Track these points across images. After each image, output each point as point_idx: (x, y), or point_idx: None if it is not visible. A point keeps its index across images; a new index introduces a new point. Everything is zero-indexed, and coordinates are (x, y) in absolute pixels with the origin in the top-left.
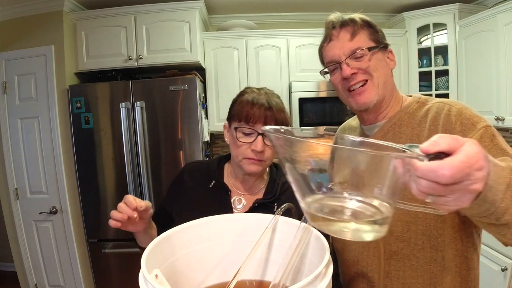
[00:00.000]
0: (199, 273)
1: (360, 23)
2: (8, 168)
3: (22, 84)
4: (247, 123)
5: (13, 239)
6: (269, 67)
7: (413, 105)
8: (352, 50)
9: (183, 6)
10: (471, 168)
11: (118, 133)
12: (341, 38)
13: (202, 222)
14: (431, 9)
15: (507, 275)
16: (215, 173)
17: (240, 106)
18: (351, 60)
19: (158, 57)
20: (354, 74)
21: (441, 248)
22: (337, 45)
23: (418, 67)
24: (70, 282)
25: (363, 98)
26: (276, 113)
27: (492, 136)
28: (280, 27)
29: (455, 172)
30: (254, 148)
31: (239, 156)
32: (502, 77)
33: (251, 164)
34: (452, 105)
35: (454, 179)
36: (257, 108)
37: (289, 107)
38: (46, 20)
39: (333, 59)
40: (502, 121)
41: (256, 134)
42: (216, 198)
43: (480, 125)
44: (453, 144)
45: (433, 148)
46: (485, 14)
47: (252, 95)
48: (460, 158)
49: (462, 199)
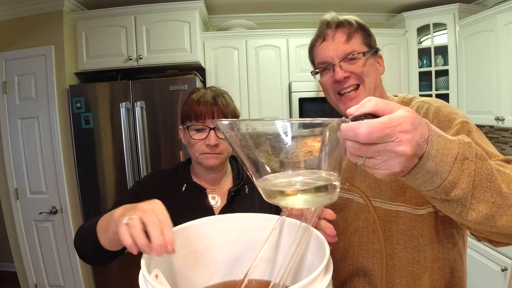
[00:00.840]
0: (199, 274)
1: (356, 25)
2: (8, 168)
3: (22, 84)
4: (197, 120)
5: (13, 239)
6: (269, 67)
7: None
8: (347, 53)
9: (183, 6)
10: (393, 129)
11: (118, 133)
12: (336, 39)
13: (202, 222)
14: (431, 9)
15: (507, 275)
16: (183, 177)
17: (188, 106)
18: (345, 63)
19: (158, 57)
20: (346, 77)
21: (422, 249)
22: (331, 46)
23: (418, 67)
24: (70, 282)
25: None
26: (223, 108)
27: (468, 132)
28: (280, 27)
29: (371, 131)
30: (208, 143)
31: (196, 153)
32: (502, 77)
33: (209, 159)
34: (431, 103)
35: (371, 138)
36: (203, 105)
37: (289, 107)
38: (46, 20)
39: (325, 60)
40: (502, 121)
41: (208, 129)
42: (193, 200)
43: (457, 121)
44: (381, 106)
45: (357, 110)
46: (485, 14)
47: (198, 94)
48: (380, 119)
49: (391, 162)
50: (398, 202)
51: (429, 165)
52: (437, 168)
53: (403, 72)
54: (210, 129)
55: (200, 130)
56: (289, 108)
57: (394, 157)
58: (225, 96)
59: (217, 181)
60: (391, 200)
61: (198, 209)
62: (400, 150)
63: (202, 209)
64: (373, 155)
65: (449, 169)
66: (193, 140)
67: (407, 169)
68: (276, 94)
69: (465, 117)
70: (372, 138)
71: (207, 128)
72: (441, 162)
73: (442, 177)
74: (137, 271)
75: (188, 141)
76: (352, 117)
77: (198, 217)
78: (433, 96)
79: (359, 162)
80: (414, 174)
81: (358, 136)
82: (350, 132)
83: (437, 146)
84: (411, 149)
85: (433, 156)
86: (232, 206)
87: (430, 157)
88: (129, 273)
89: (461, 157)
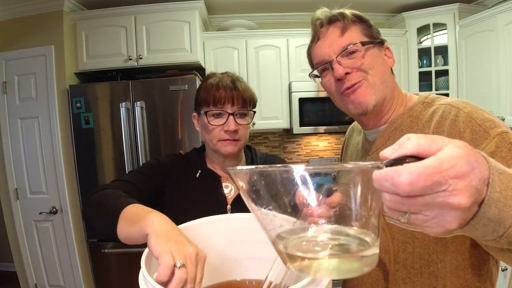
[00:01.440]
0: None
1: (351, 17)
2: (8, 168)
3: (22, 84)
4: (216, 106)
5: (13, 239)
6: (269, 67)
7: (417, 107)
8: (344, 46)
9: (183, 6)
10: (443, 175)
11: (118, 133)
12: (330, 35)
13: (202, 222)
14: (431, 9)
15: (507, 275)
16: (197, 163)
17: (205, 91)
18: (343, 58)
19: (158, 57)
20: (347, 74)
21: (442, 276)
22: (326, 43)
23: (418, 67)
24: (70, 282)
25: (358, 97)
26: (243, 93)
27: (510, 145)
28: (280, 27)
29: (415, 179)
30: (227, 129)
31: (213, 139)
32: (502, 77)
33: (227, 145)
34: (461, 108)
35: (415, 188)
36: (223, 90)
37: (289, 107)
38: (46, 20)
39: (322, 59)
40: (502, 121)
41: (226, 114)
42: (207, 187)
43: (495, 131)
44: (426, 146)
45: (394, 152)
46: (485, 14)
47: (216, 79)
48: (425, 163)
49: (445, 217)
50: None
51: (491, 212)
52: (500, 214)
53: (403, 72)
54: (229, 114)
55: (218, 116)
56: (289, 108)
57: (448, 211)
58: (242, 81)
59: None
60: None
61: (211, 196)
62: (456, 202)
63: (215, 197)
64: (419, 210)
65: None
66: (211, 126)
67: (465, 222)
68: (276, 94)
69: (503, 125)
70: (417, 189)
71: (225, 113)
72: (505, 206)
73: (506, 224)
74: (137, 271)
75: (205, 127)
76: (387, 161)
77: (211, 205)
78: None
79: (402, 220)
80: (472, 225)
81: (398, 187)
82: (386, 182)
83: (499, 187)
84: (468, 198)
85: (496, 200)
86: None
87: (493, 203)
88: (129, 273)
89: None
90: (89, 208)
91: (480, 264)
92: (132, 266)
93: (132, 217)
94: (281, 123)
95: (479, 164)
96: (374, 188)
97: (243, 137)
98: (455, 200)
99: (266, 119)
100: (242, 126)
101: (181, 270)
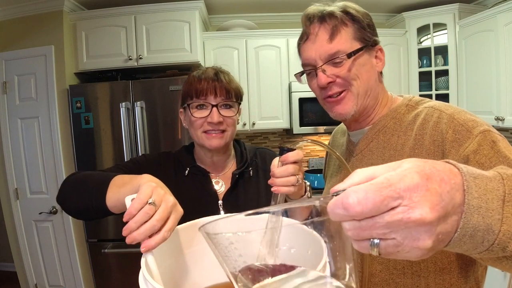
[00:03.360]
0: (199, 273)
1: (342, 17)
2: (8, 168)
3: (22, 84)
4: (198, 98)
5: (13, 239)
6: (269, 67)
7: (401, 109)
8: (331, 55)
9: (183, 6)
10: (393, 188)
11: (118, 133)
12: (318, 37)
13: (202, 222)
14: (431, 9)
15: (507, 275)
16: (186, 160)
17: (188, 85)
18: (329, 65)
19: (158, 57)
20: (331, 82)
21: (425, 275)
22: (313, 47)
23: (418, 67)
24: (70, 282)
25: (339, 109)
26: (226, 84)
27: (492, 143)
28: (280, 27)
29: (362, 196)
30: (210, 121)
31: (198, 132)
32: (502, 77)
33: (212, 138)
34: (443, 110)
35: (367, 206)
36: (205, 81)
37: (289, 107)
38: (46, 20)
39: (308, 63)
40: (502, 121)
41: (210, 106)
42: (197, 184)
43: (477, 130)
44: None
45: (343, 184)
46: (485, 14)
47: (199, 72)
48: (372, 180)
49: (415, 235)
50: None
51: (474, 220)
52: (485, 221)
53: (403, 72)
54: (213, 106)
55: (201, 107)
56: (289, 108)
57: (415, 228)
58: (225, 72)
59: (221, 165)
60: None
61: (202, 193)
62: (417, 216)
63: (206, 193)
64: (384, 234)
65: (500, 217)
66: (194, 118)
67: (446, 237)
68: (276, 94)
69: (485, 123)
70: (369, 207)
71: (209, 105)
72: (488, 211)
73: (495, 230)
74: (137, 271)
75: (189, 121)
76: (336, 191)
77: (203, 202)
78: (433, 96)
79: (373, 252)
80: (458, 239)
81: (349, 210)
82: (338, 209)
83: (477, 192)
84: (431, 209)
85: (477, 207)
86: (236, 189)
87: (474, 210)
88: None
89: (510, 197)
90: (68, 186)
91: (466, 266)
92: (132, 266)
93: (123, 181)
94: (281, 123)
95: (438, 172)
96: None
97: (229, 129)
98: (415, 214)
99: (266, 119)
100: (227, 118)
101: (149, 206)
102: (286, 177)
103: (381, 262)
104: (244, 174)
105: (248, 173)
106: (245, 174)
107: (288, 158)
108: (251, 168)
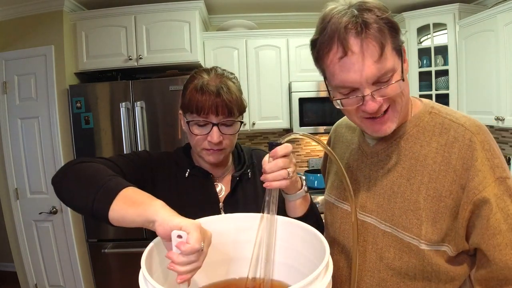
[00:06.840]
0: (198, 273)
1: (382, 27)
2: (8, 168)
3: (22, 84)
4: (199, 115)
5: (13, 239)
6: (269, 67)
7: (424, 116)
8: (379, 77)
9: (183, 6)
10: None
11: (118, 133)
12: (364, 56)
13: (201, 221)
14: (431, 9)
15: None
16: (185, 162)
17: (190, 95)
18: (374, 86)
19: (158, 57)
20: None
21: (435, 280)
22: (357, 67)
23: (418, 67)
24: (70, 282)
25: (380, 129)
26: (228, 102)
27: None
28: (280, 27)
29: None
30: (210, 140)
31: (197, 147)
32: (502, 77)
33: (211, 155)
34: (474, 133)
35: None
36: (206, 96)
37: (289, 107)
38: (46, 20)
39: (351, 86)
40: (502, 121)
41: (210, 125)
42: (198, 186)
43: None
44: None
45: None
46: (485, 14)
47: (201, 80)
48: None
49: None
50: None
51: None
52: None
53: None
54: (213, 124)
55: (202, 125)
56: (289, 108)
57: None
58: (229, 84)
59: (220, 170)
60: (404, 230)
61: (203, 195)
62: None
63: (208, 195)
64: None
65: None
66: (193, 135)
67: None
68: (276, 94)
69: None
70: None
71: (209, 123)
72: None
73: None
74: (137, 271)
75: (188, 133)
76: None
77: (204, 205)
78: (433, 96)
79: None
80: None
81: None
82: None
83: None
84: None
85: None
86: (236, 193)
87: None
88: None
89: None
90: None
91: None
92: (132, 266)
93: (133, 199)
94: (281, 123)
95: None
96: None
97: (228, 146)
98: None
99: (266, 119)
100: (227, 136)
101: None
102: (277, 172)
103: (393, 268)
104: (243, 176)
105: (247, 175)
106: (244, 176)
107: (278, 152)
108: (249, 170)
